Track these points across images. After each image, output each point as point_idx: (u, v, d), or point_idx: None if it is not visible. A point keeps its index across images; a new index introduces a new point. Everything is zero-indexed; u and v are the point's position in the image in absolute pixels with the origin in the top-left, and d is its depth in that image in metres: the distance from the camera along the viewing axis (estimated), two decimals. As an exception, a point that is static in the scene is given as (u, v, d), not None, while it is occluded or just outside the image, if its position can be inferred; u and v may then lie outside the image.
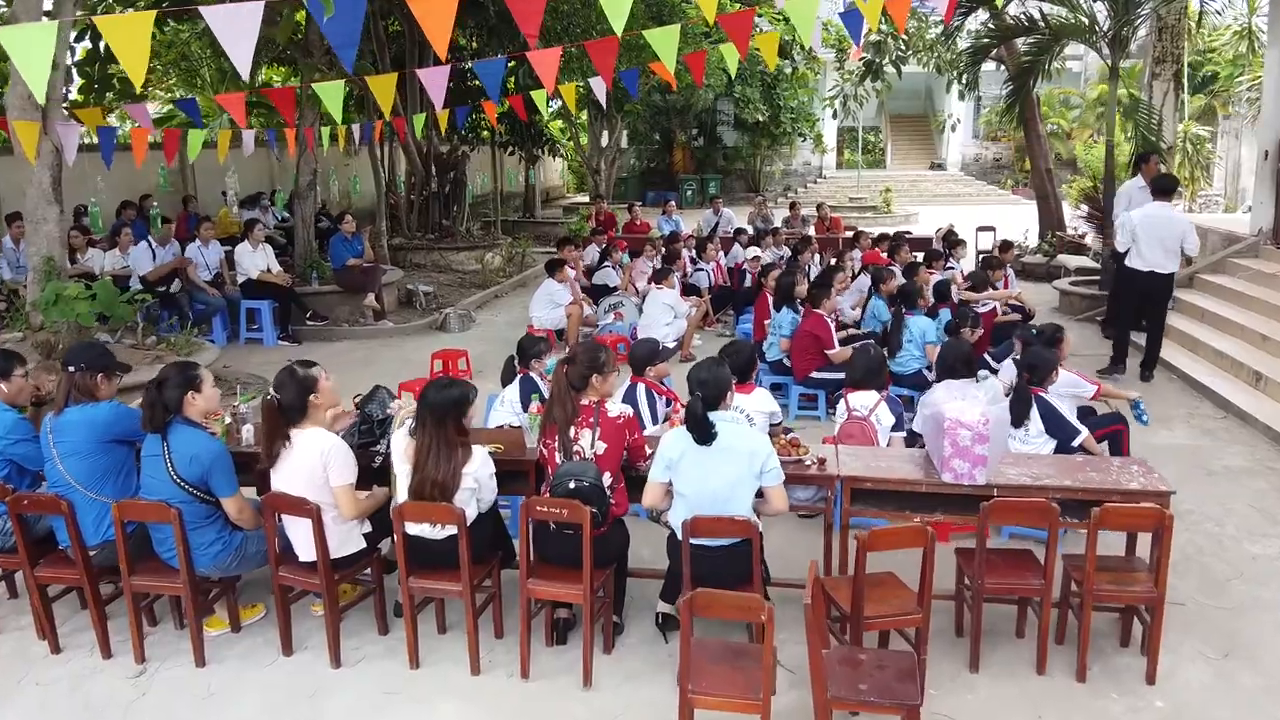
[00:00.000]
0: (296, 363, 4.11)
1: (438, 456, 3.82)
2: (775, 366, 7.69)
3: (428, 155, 15.56)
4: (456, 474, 3.83)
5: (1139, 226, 8.32)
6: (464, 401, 3.94)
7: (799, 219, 14.38)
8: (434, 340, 10.57)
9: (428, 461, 3.82)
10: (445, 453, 3.83)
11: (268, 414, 3.95)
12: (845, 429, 5.01)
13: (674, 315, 9.20)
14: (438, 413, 3.85)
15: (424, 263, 15.09)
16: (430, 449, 3.83)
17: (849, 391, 5.23)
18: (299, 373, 4.01)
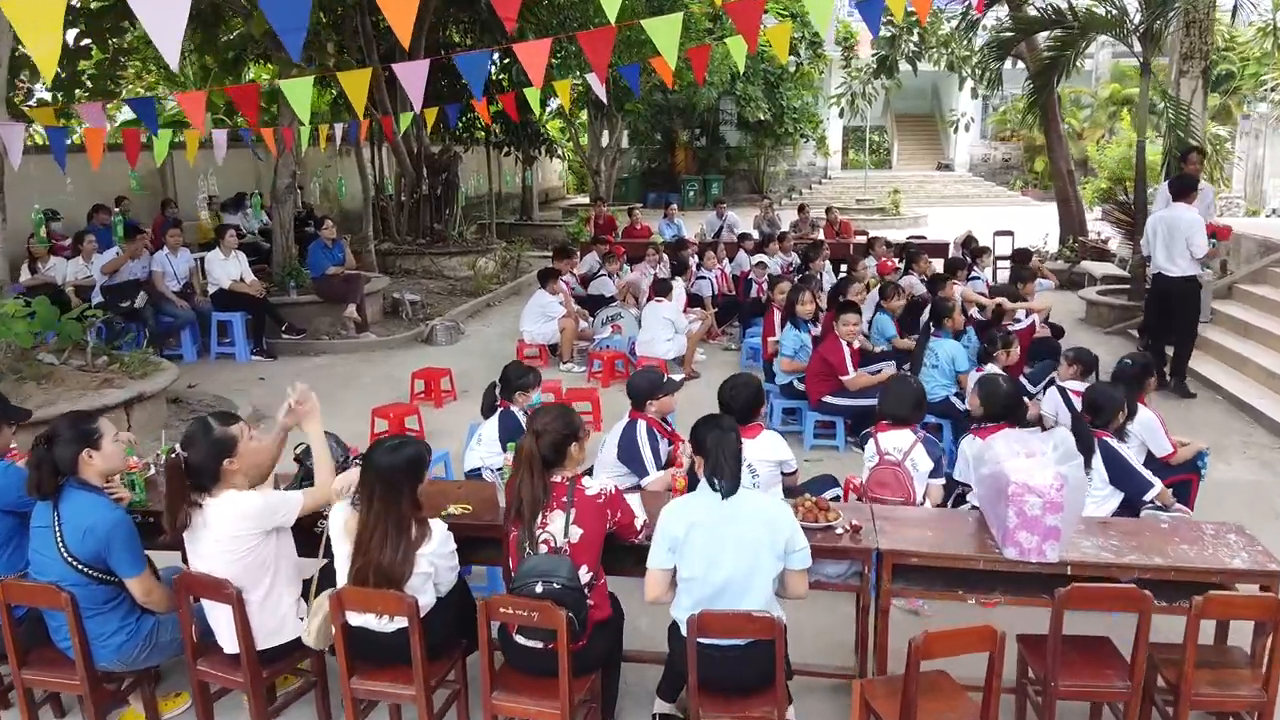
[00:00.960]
0: (214, 415, 3.41)
1: (385, 537, 3.11)
2: (786, 390, 6.98)
3: (418, 156, 14.85)
4: (408, 559, 3.12)
5: (1154, 227, 8.07)
6: (418, 465, 3.23)
7: (807, 223, 13.65)
8: (419, 354, 9.87)
9: (372, 543, 3.11)
10: (395, 533, 3.12)
11: (171, 475, 3.24)
12: (877, 476, 4.30)
13: (675, 331, 8.49)
14: (387, 482, 3.15)
15: (414, 268, 14.38)
16: (376, 528, 3.12)
17: (880, 429, 4.52)
18: (214, 431, 3.30)
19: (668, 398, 4.78)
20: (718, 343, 10.08)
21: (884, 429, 4.51)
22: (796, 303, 7.06)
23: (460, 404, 7.96)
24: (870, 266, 10.06)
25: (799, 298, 7.09)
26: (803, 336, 6.88)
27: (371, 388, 8.55)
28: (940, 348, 6.57)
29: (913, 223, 23.18)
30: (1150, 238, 8.14)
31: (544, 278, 9.14)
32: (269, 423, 7.32)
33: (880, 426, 4.53)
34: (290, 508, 3.33)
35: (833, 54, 27.14)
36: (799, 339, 6.88)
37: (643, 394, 4.73)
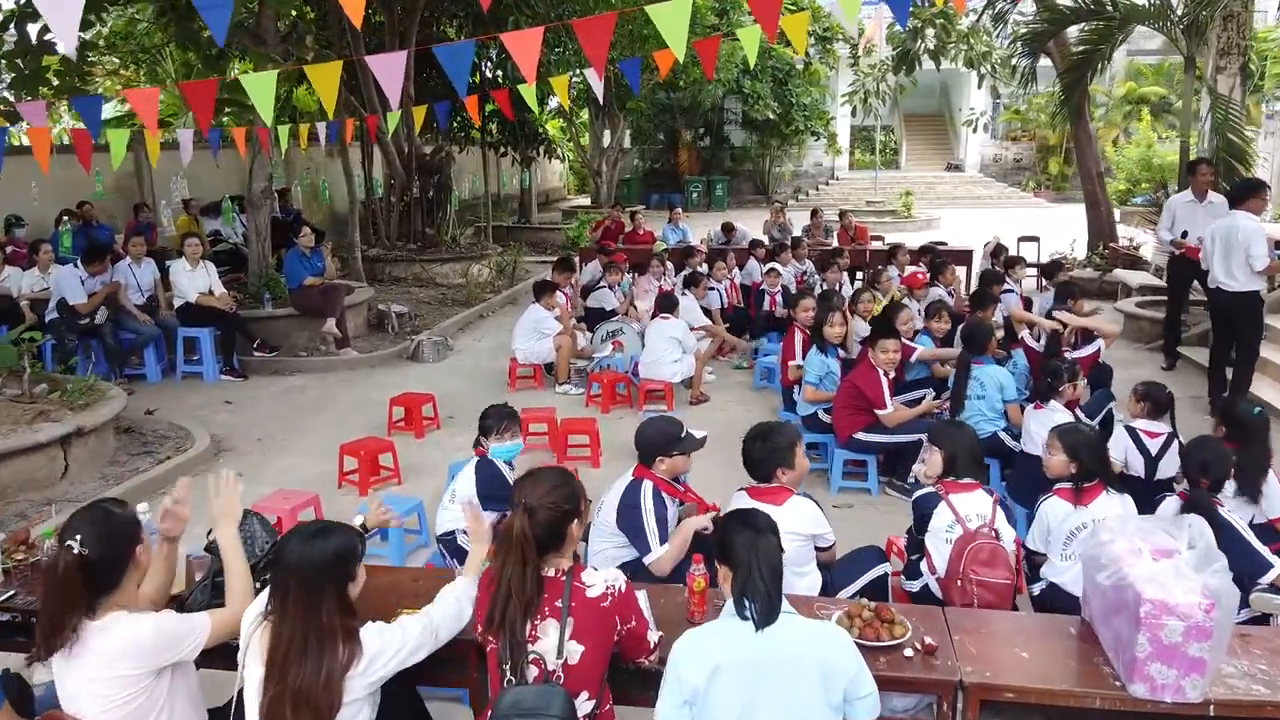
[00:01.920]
0: (110, 503, 2.63)
1: (303, 655, 2.33)
2: (809, 422, 6.18)
3: (409, 157, 14.06)
4: (334, 685, 2.35)
5: (1211, 237, 7.36)
6: (346, 560, 2.46)
7: (821, 228, 12.85)
8: (404, 373, 9.08)
9: (290, 663, 2.34)
10: (317, 649, 2.35)
11: (64, 576, 2.44)
12: (975, 553, 3.47)
13: (682, 350, 7.69)
14: (305, 583, 2.37)
15: (404, 276, 13.59)
16: (293, 643, 2.34)
17: (949, 489, 3.72)
18: (116, 516, 2.53)
19: (682, 458, 3.99)
20: (728, 360, 9.28)
21: (955, 489, 3.71)
22: (825, 324, 6.26)
23: (444, 434, 7.16)
24: (894, 278, 9.25)
25: (828, 318, 6.28)
26: (829, 362, 6.09)
27: (347, 413, 7.76)
28: (985, 376, 5.77)
29: (925, 225, 22.37)
30: (1209, 249, 7.36)
31: (539, 291, 8.34)
32: (225, 464, 6.55)
33: (949, 486, 3.74)
34: (193, 638, 2.55)
35: (841, 51, 26.35)
36: (825, 365, 6.08)
37: (653, 450, 3.95)
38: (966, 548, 3.52)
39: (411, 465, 6.42)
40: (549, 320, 8.24)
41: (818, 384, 6.03)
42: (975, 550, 3.50)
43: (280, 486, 6.15)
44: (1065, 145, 30.88)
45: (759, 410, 7.66)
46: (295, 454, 6.77)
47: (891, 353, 5.73)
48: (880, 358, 5.72)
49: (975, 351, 5.83)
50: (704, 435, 4.08)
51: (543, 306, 8.28)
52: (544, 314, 8.24)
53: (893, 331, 5.85)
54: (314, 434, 7.21)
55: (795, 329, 6.84)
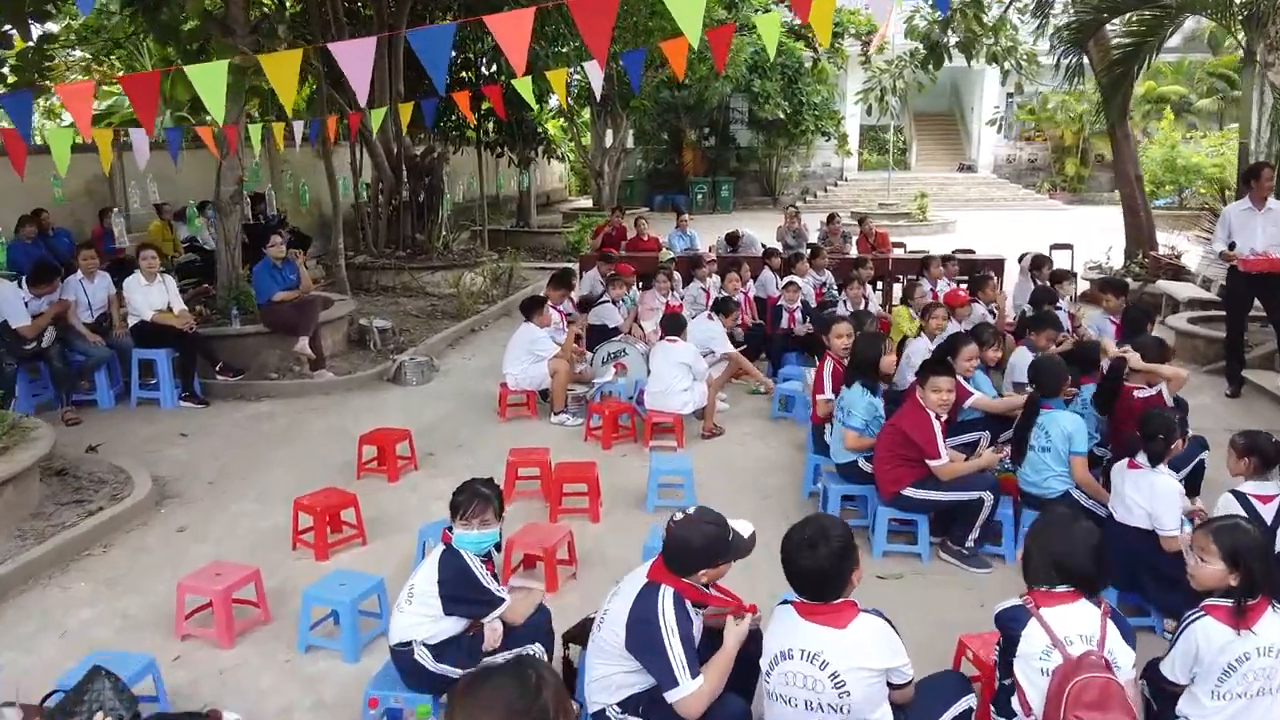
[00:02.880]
0: None
1: None
2: (847, 470, 5.30)
3: (398, 158, 13.19)
4: None
5: None
6: None
7: (839, 234, 11.94)
8: (383, 398, 8.21)
9: None
10: None
11: None
12: (1079, 691, 2.59)
13: (692, 377, 6.79)
14: None
15: (392, 285, 12.72)
16: None
17: (1042, 601, 2.84)
18: None
19: (726, 564, 3.08)
20: (742, 383, 8.38)
21: (1048, 601, 2.83)
22: (873, 356, 5.34)
23: (423, 476, 6.28)
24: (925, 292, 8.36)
25: (877, 348, 5.37)
26: (876, 403, 5.19)
27: (317, 446, 6.88)
28: (1052, 423, 4.87)
29: (941, 229, 21.48)
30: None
31: (529, 309, 7.44)
32: (168, 515, 5.68)
33: (1039, 598, 2.85)
34: None
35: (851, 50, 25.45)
36: (873, 407, 5.17)
37: (696, 561, 3.00)
38: (1069, 684, 2.64)
39: (381, 518, 5.54)
40: (543, 341, 7.35)
41: (863, 430, 5.13)
42: (1080, 687, 2.62)
43: (229, 540, 5.31)
44: (1081, 146, 30.03)
45: (782, 446, 6.77)
46: (251, 499, 5.89)
47: (945, 393, 4.83)
48: (931, 398, 4.83)
49: (1049, 394, 4.94)
50: (753, 532, 3.15)
51: (535, 325, 7.39)
52: (538, 334, 7.36)
53: (946, 368, 4.95)
54: (276, 473, 6.33)
55: (827, 357, 5.93)
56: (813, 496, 5.72)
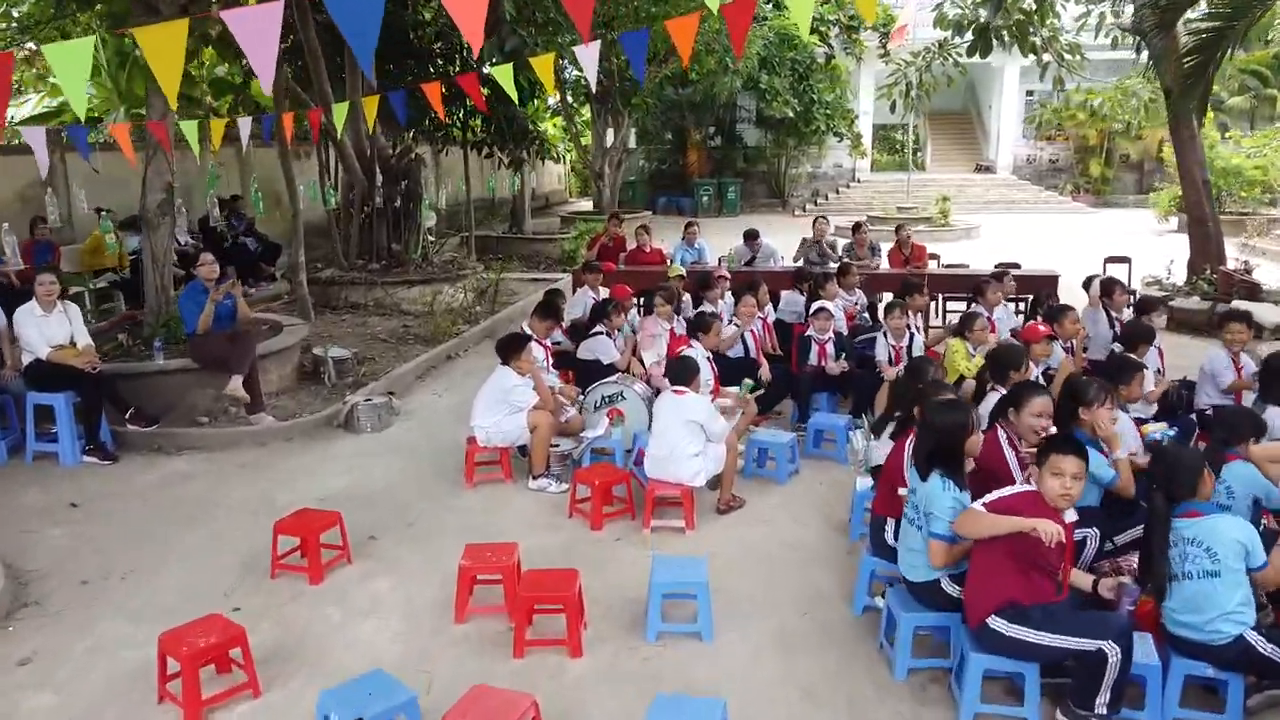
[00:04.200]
0: None
1: None
2: (924, 592, 3.87)
3: (371, 159, 11.80)
4: None
5: None
6: None
7: (866, 245, 10.49)
8: (329, 451, 6.79)
9: None
10: None
11: None
12: None
13: (705, 437, 5.36)
14: None
15: (363, 302, 11.34)
16: None
17: None
18: None
19: None
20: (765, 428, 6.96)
21: None
22: (956, 433, 3.89)
23: (355, 573, 4.85)
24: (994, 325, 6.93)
25: (963, 422, 3.92)
26: (964, 498, 3.75)
27: (230, 526, 5.47)
28: (1211, 536, 3.47)
29: (964, 234, 20.05)
30: None
31: (506, 350, 6.02)
32: (15, 635, 4.28)
33: None
34: None
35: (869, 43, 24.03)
36: (957, 502, 3.74)
37: None
38: None
39: (286, 647, 4.13)
40: (522, 390, 5.94)
41: (954, 538, 3.70)
42: None
43: (79, 683, 3.92)
44: (1105, 145, 28.55)
45: (820, 528, 5.34)
46: (125, 616, 4.48)
47: (1070, 480, 3.43)
48: (1050, 486, 3.43)
49: (1185, 495, 3.55)
50: None
51: (513, 370, 5.98)
52: (514, 381, 5.94)
53: (1078, 447, 3.54)
54: (170, 572, 4.92)
55: (910, 437, 4.40)
56: (868, 614, 4.31)
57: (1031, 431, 4.29)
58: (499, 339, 6.10)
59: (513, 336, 6.10)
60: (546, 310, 6.83)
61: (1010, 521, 3.43)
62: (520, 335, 6.17)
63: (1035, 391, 4.43)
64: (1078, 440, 3.61)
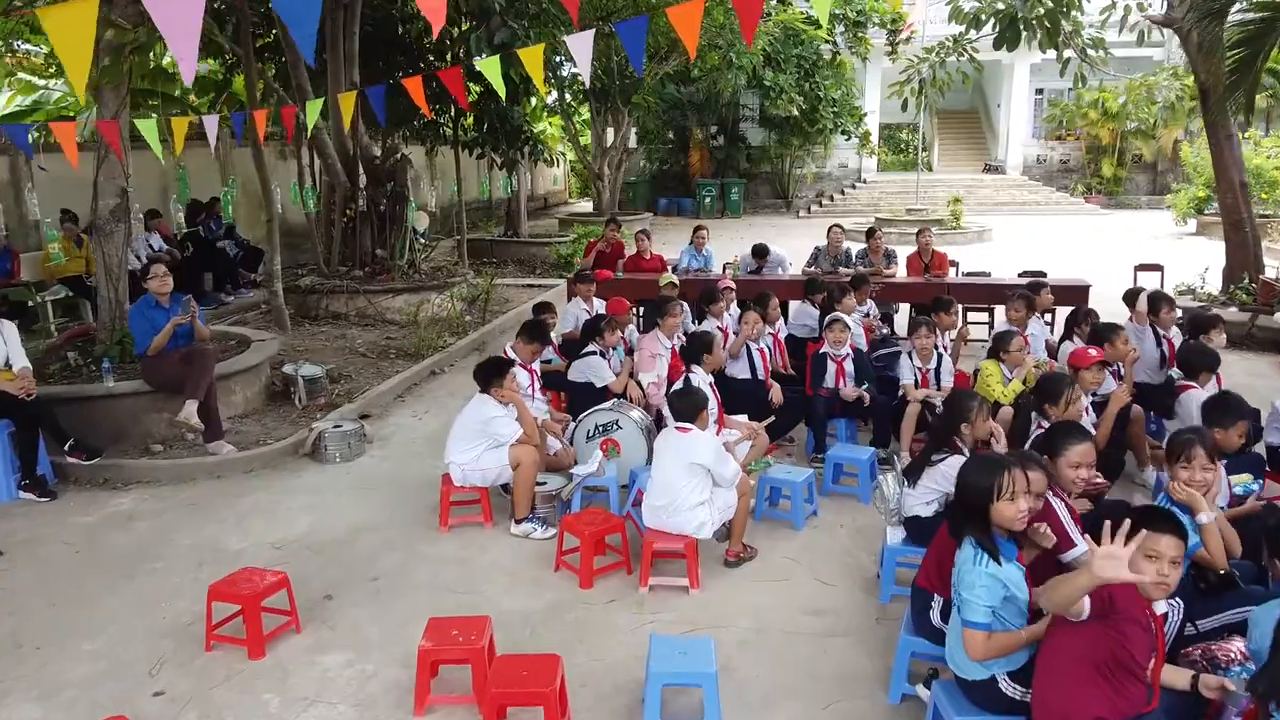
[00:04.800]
0: None
1: None
2: (980, 694, 3.16)
3: (354, 160, 11.12)
4: None
5: None
6: None
7: (881, 252, 9.78)
8: (291, 485, 6.11)
9: None
10: None
11: None
12: None
13: (712, 481, 4.66)
14: None
15: (345, 311, 10.65)
16: None
17: None
18: None
19: None
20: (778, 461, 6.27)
21: None
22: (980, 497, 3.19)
23: (302, 648, 4.15)
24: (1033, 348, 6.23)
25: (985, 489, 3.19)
26: (1007, 576, 3.03)
27: (169, 581, 4.78)
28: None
29: (976, 237, 19.34)
30: None
31: (486, 376, 5.33)
32: None
33: None
34: None
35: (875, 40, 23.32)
36: (997, 584, 3.02)
37: None
38: None
39: (218, 742, 3.46)
40: (503, 421, 5.25)
41: (990, 623, 3.00)
42: None
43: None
44: (1118, 145, 27.83)
45: (845, 586, 4.64)
46: (34, 698, 3.80)
47: (1170, 565, 2.75)
48: (1145, 572, 2.73)
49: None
50: None
51: (493, 399, 5.29)
52: (495, 411, 5.26)
53: (1177, 525, 2.85)
54: (97, 636, 4.24)
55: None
56: (907, 703, 3.62)
57: (1071, 483, 3.65)
58: (478, 364, 5.41)
59: (493, 361, 5.40)
60: (533, 332, 6.13)
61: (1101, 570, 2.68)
62: (502, 360, 5.47)
63: (1073, 436, 3.73)
64: (1175, 518, 2.91)
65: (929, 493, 4.29)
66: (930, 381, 6.20)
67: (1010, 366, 5.88)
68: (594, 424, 5.83)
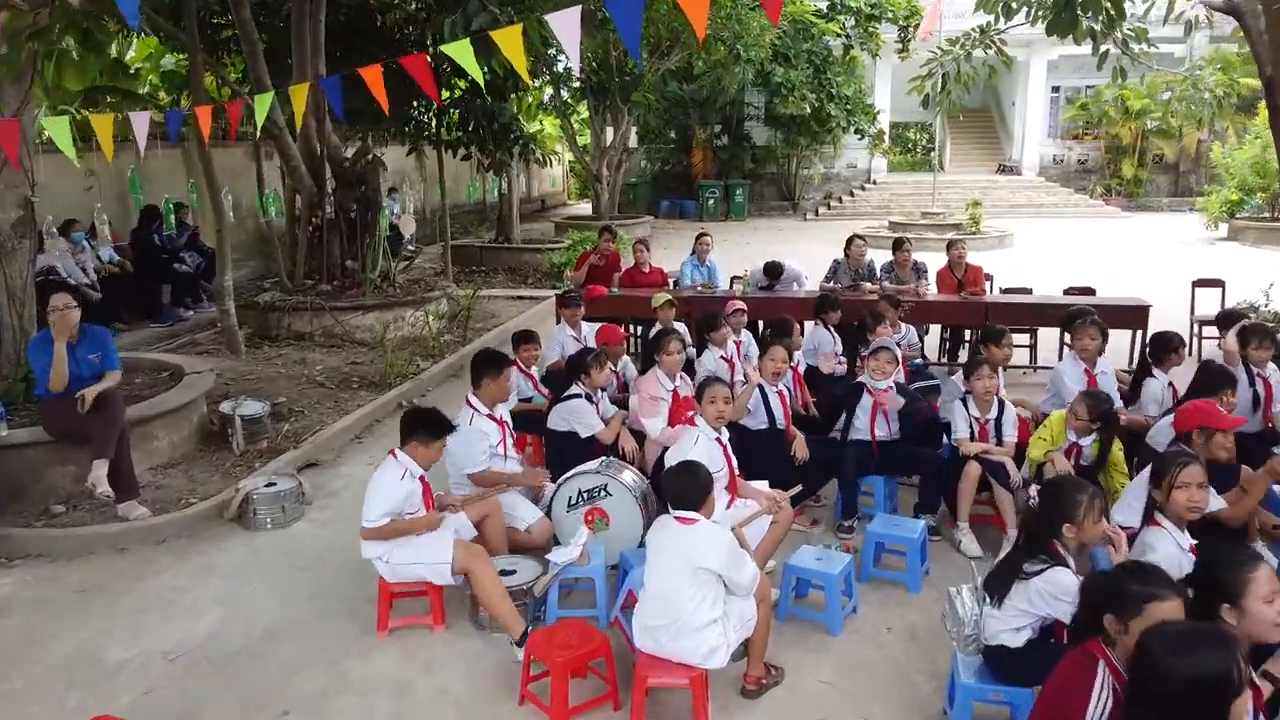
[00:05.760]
0: None
1: None
2: None
3: (321, 162, 10.02)
4: None
5: None
6: None
7: (909, 265, 8.66)
8: (209, 562, 5.01)
9: None
10: None
11: None
12: None
13: (723, 587, 3.54)
14: None
15: (309, 330, 9.55)
16: None
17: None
18: None
19: None
20: (802, 527, 5.17)
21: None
22: (1220, 693, 2.06)
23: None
24: (1107, 386, 5.12)
25: (1224, 676, 2.07)
26: None
27: (27, 708, 3.69)
28: None
29: (998, 243, 18.20)
30: None
31: (416, 429, 4.18)
32: None
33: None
34: None
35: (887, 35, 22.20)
36: None
37: None
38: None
39: None
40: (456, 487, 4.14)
41: None
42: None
43: None
44: (1139, 145, 26.67)
45: (902, 712, 3.55)
46: None
47: None
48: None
49: None
50: None
51: (414, 461, 4.17)
52: (411, 484, 4.14)
53: None
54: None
55: (1092, 654, 2.59)
56: None
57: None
58: (404, 412, 4.28)
59: (418, 418, 4.25)
60: (490, 361, 4.94)
61: None
62: (435, 416, 4.29)
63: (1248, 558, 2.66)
64: None
65: (1020, 615, 3.20)
66: (990, 433, 5.09)
67: (1084, 433, 4.78)
68: (576, 489, 4.73)
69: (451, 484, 4.77)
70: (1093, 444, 4.82)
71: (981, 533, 5.05)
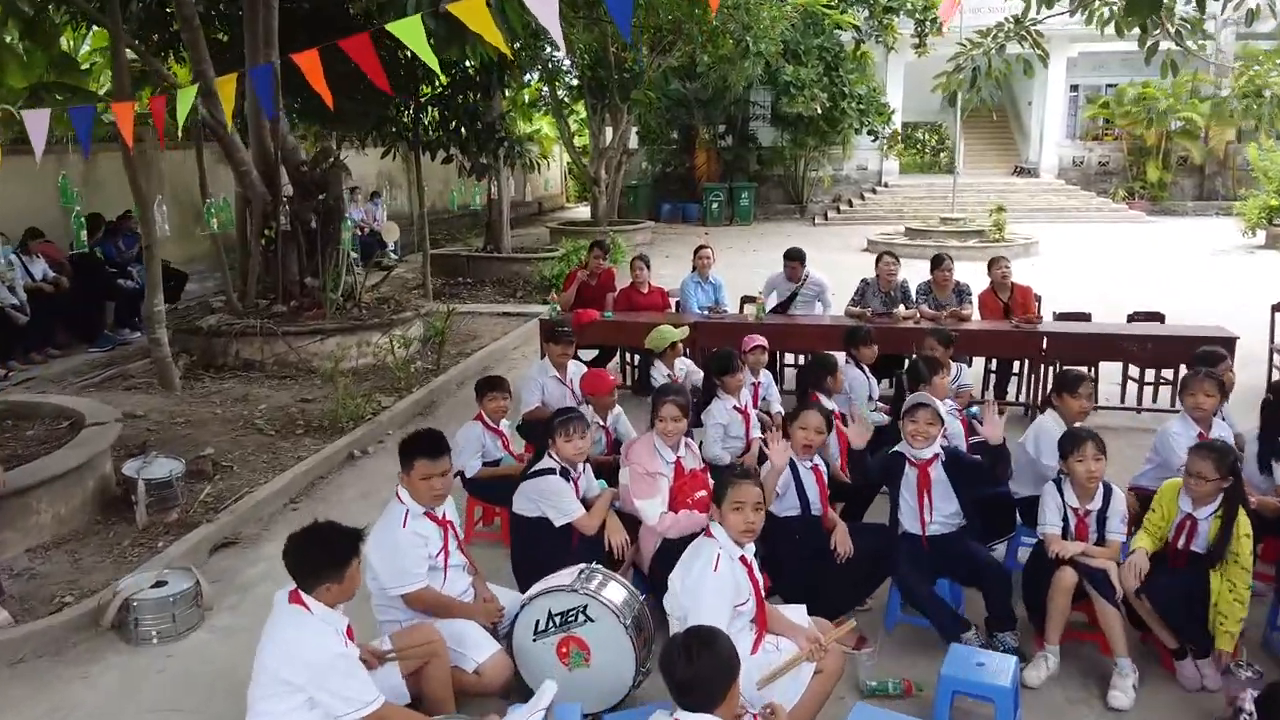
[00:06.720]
0: None
1: None
2: None
3: (274, 166, 8.82)
4: None
5: None
6: None
7: (950, 287, 7.44)
8: (75, 689, 3.81)
9: None
10: None
11: None
12: None
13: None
14: None
15: (260, 359, 8.37)
16: None
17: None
18: None
19: None
20: (846, 647, 3.95)
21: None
22: None
23: None
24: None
25: None
26: None
27: None
28: None
29: (1023, 250, 16.96)
30: None
31: (311, 566, 2.98)
32: None
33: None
34: None
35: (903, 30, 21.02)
36: None
37: None
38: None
39: None
40: (339, 660, 2.94)
41: None
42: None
43: None
44: (1163, 146, 25.44)
45: None
46: None
47: None
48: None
49: None
50: None
51: (322, 606, 2.97)
52: (331, 643, 2.94)
53: None
54: None
55: None
56: None
57: None
58: (291, 540, 3.05)
59: (334, 538, 3.02)
60: (422, 446, 3.69)
61: None
62: (350, 535, 3.06)
63: None
64: None
65: None
66: (1089, 530, 3.88)
67: (1208, 499, 3.60)
68: (546, 612, 3.52)
69: (376, 607, 3.57)
70: (1213, 517, 3.66)
71: (1073, 652, 3.86)
